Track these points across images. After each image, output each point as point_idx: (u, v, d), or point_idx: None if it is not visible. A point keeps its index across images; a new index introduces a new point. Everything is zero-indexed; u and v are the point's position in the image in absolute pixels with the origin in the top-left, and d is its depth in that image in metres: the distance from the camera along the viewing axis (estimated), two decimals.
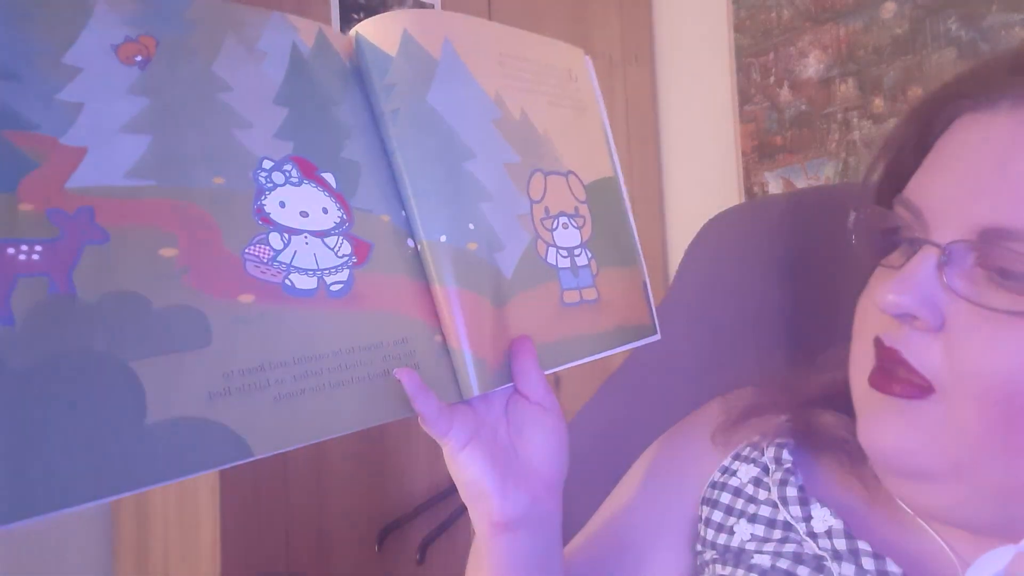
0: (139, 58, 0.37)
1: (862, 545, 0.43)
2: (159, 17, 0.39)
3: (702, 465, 0.54)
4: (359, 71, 0.45)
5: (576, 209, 0.53)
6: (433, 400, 0.42)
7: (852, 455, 0.46)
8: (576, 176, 0.53)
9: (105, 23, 0.37)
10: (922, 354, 0.38)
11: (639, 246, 0.57)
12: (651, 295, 0.57)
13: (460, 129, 0.46)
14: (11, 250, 0.32)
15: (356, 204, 0.43)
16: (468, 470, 0.46)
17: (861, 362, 0.42)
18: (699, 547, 0.51)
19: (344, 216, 0.43)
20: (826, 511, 0.45)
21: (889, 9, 1.46)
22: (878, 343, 0.40)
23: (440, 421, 0.43)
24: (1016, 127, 0.37)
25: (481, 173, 0.47)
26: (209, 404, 0.35)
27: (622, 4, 1.80)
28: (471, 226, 0.45)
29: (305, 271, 0.40)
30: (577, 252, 0.52)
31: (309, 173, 0.42)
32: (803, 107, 1.59)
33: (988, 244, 0.36)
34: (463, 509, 1.08)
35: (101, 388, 0.33)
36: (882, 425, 0.40)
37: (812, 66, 1.57)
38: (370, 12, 1.47)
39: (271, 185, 0.40)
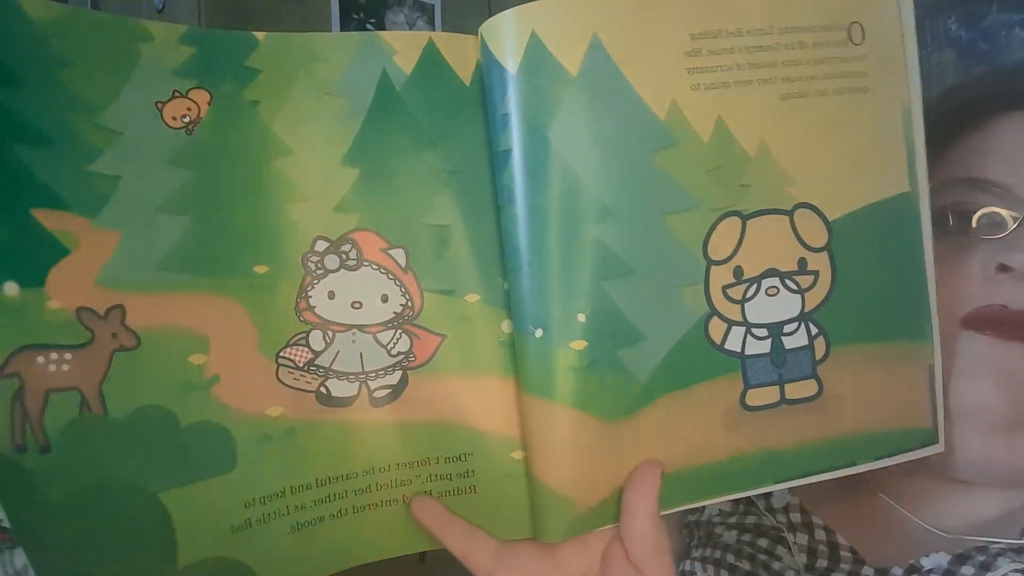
0: (186, 119, 0.32)
1: (816, 519, 0.48)
2: (216, 64, 0.33)
3: None
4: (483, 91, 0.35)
5: (802, 263, 0.36)
6: (464, 534, 0.35)
7: None
8: (814, 210, 0.36)
9: (151, 73, 0.31)
10: None
11: (934, 308, 0.37)
12: (940, 385, 0.38)
13: (592, 175, 0.33)
14: (41, 359, 0.29)
15: (431, 285, 0.35)
16: None
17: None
18: (685, 530, 0.55)
19: (409, 303, 0.35)
20: (784, 489, 0.49)
21: None
22: (994, 308, 0.41)
23: (479, 559, 0.35)
24: None
25: (617, 238, 0.33)
26: (231, 540, 0.33)
27: None
28: (581, 317, 0.33)
29: (346, 375, 0.35)
30: (790, 328, 0.36)
31: (372, 252, 0.35)
32: None
33: None
34: None
35: (134, 525, 0.30)
36: (991, 370, 0.41)
37: None
38: (370, 12, 1.47)
39: (321, 271, 0.34)
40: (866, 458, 0.37)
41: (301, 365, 0.34)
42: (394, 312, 0.35)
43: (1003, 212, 0.43)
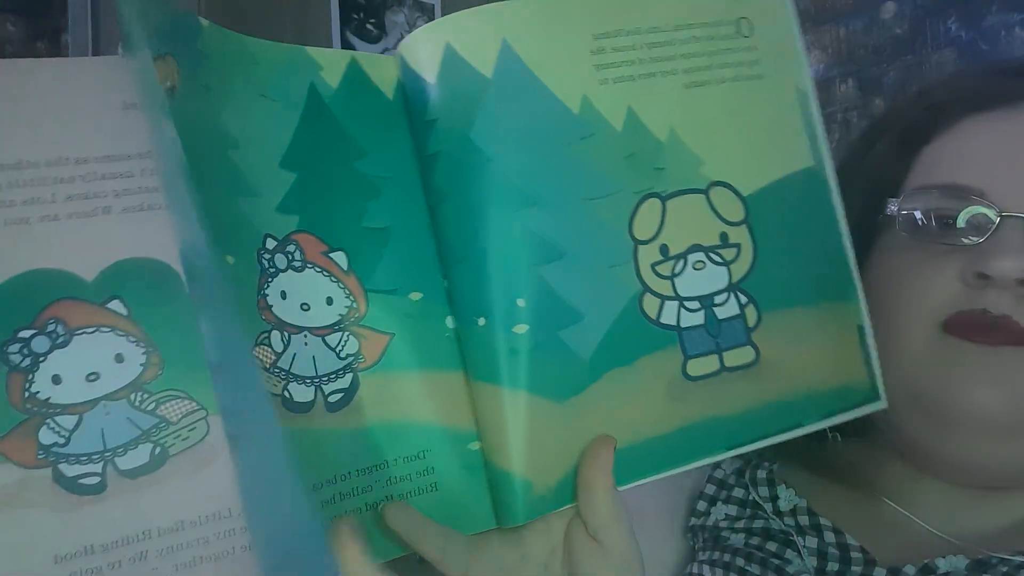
0: (168, 84, 0.31)
1: (824, 521, 0.47)
2: (176, 35, 0.32)
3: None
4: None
5: (724, 237, 0.38)
6: (437, 537, 0.34)
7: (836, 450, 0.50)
8: (728, 187, 0.38)
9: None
10: (1019, 315, 0.41)
11: (855, 269, 0.40)
12: (872, 342, 0.40)
13: (516, 168, 0.35)
14: None
15: (375, 285, 0.35)
16: None
17: (913, 340, 0.44)
18: (689, 534, 0.54)
19: (354, 305, 0.35)
20: (791, 492, 0.49)
21: (889, 9, 1.46)
22: (975, 313, 0.42)
23: (455, 560, 0.35)
24: None
25: (546, 224, 0.35)
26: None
27: None
28: (520, 303, 0.34)
29: (304, 379, 0.33)
30: (720, 299, 0.38)
31: (314, 254, 0.34)
32: None
33: None
34: None
35: None
36: (982, 376, 0.41)
37: (812, 66, 1.58)
38: (370, 12, 1.47)
39: (273, 270, 0.33)
40: (812, 418, 0.39)
41: (268, 366, 0.33)
42: (339, 314, 0.34)
43: (979, 218, 0.43)
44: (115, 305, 0.31)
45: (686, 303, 0.37)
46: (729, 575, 0.47)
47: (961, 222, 0.44)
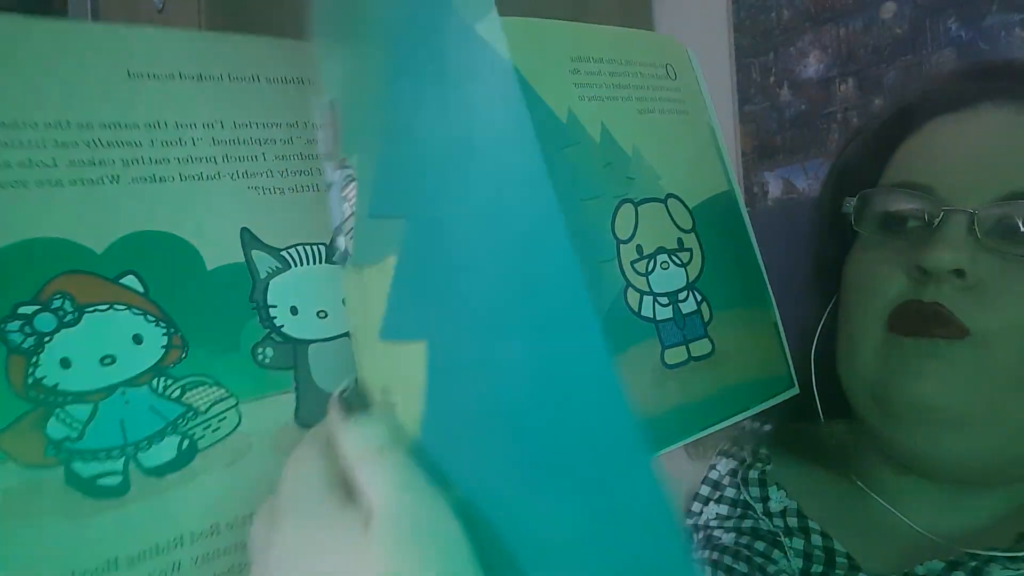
0: None
1: (812, 524, 0.48)
2: None
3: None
4: None
5: (680, 242, 0.43)
6: None
7: (826, 449, 0.52)
8: (678, 199, 0.44)
9: None
10: (958, 307, 0.42)
11: (766, 278, 0.47)
12: (785, 339, 0.47)
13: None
14: None
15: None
16: None
17: (865, 338, 0.46)
18: None
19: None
20: (782, 493, 0.51)
21: (889, 9, 1.46)
22: (912, 305, 0.43)
23: None
24: (1011, 117, 0.45)
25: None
26: None
27: (622, 4, 1.80)
28: None
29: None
30: (683, 296, 0.43)
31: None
32: (803, 107, 1.59)
33: (1010, 206, 0.42)
34: None
35: None
36: (920, 369, 0.43)
37: (812, 66, 1.58)
38: None
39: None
40: (755, 403, 0.44)
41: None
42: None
43: (925, 214, 0.45)
44: (129, 280, 0.27)
45: (658, 298, 0.42)
46: (717, 573, 0.48)
47: (908, 218, 0.46)
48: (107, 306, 0.27)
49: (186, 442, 0.27)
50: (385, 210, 0.24)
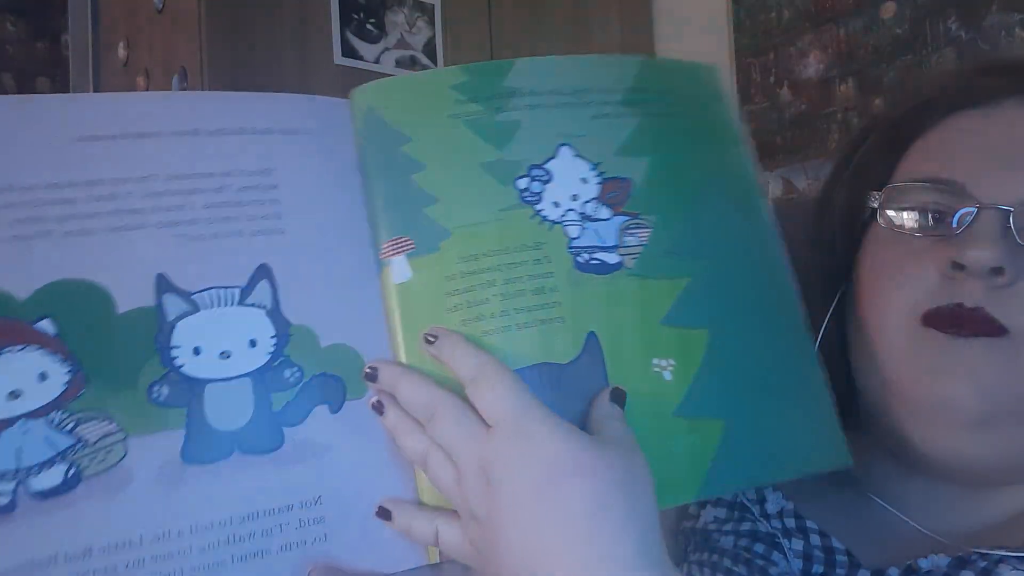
0: None
1: (810, 524, 0.48)
2: None
3: None
4: None
5: None
6: None
7: None
8: None
9: None
10: (994, 305, 0.41)
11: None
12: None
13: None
14: None
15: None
16: None
17: (892, 333, 0.45)
18: (680, 536, 0.55)
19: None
20: (778, 495, 0.50)
21: (889, 9, 1.46)
22: (952, 305, 0.42)
23: None
24: None
25: None
26: None
27: (622, 4, 1.80)
28: None
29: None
30: None
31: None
32: (803, 107, 1.59)
33: None
34: None
35: None
36: (956, 367, 0.42)
37: (812, 66, 1.58)
38: (370, 12, 1.47)
39: None
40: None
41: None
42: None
43: (956, 210, 0.44)
44: (44, 324, 0.31)
45: None
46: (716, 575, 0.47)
47: (941, 216, 0.45)
48: (21, 347, 0.30)
49: (72, 470, 0.30)
50: (681, 251, 0.41)
